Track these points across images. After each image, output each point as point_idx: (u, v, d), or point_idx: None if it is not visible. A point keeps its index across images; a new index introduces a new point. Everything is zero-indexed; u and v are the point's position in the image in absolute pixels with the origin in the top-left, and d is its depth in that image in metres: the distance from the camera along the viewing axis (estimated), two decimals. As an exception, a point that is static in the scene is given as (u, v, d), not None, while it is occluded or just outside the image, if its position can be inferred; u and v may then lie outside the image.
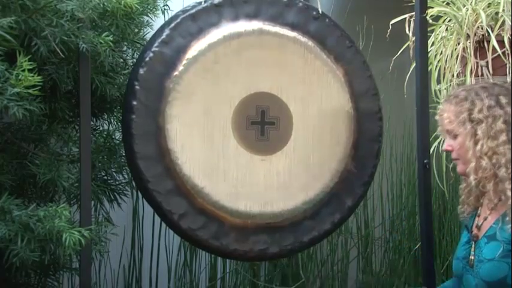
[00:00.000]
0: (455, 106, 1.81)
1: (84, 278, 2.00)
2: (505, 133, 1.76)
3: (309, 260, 3.06)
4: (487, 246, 1.80)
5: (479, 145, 1.77)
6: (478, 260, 1.80)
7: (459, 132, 1.81)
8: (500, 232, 1.78)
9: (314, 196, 2.21)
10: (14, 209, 1.78)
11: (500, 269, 1.76)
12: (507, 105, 1.78)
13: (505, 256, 1.76)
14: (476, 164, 1.78)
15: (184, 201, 2.11)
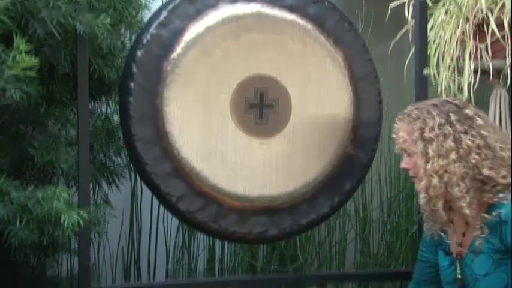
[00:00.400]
0: (407, 125, 1.83)
1: (83, 259, 2.02)
2: (454, 151, 1.77)
3: (306, 242, 3.07)
4: (476, 262, 1.80)
5: (429, 164, 1.78)
6: (472, 279, 1.80)
7: (413, 151, 1.82)
8: (484, 244, 1.78)
9: (313, 179, 2.21)
10: (12, 190, 1.78)
11: (498, 281, 1.77)
12: (457, 122, 1.79)
13: (498, 265, 1.76)
14: (426, 182, 1.79)
15: (182, 184, 2.11)
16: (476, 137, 1.78)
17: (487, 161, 1.77)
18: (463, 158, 1.76)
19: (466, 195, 1.76)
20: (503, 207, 1.74)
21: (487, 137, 1.79)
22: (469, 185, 1.76)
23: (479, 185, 1.78)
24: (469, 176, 1.76)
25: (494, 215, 1.75)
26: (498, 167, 1.77)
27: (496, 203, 1.76)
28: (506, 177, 1.77)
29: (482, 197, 1.78)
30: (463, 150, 1.76)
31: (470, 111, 1.82)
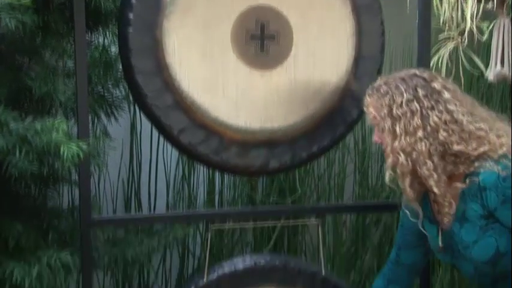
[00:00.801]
0: (376, 101, 1.80)
1: (84, 190, 2.03)
2: (421, 129, 1.75)
3: (306, 174, 3.09)
4: (463, 230, 1.80)
5: (396, 141, 1.77)
6: (462, 247, 1.81)
7: (382, 127, 1.80)
8: (468, 212, 1.78)
9: (314, 112, 2.20)
10: (10, 121, 1.77)
11: (488, 245, 1.77)
12: (424, 98, 1.77)
13: (485, 231, 1.77)
14: (393, 159, 1.78)
15: (183, 116, 2.10)
16: (443, 112, 1.76)
17: (455, 136, 1.76)
18: (431, 135, 1.76)
19: (434, 172, 1.76)
20: (480, 175, 1.74)
21: (454, 111, 1.77)
22: (437, 162, 1.76)
23: (453, 159, 1.78)
24: (437, 153, 1.76)
25: (470, 182, 1.75)
26: (467, 140, 1.76)
27: (472, 172, 1.77)
28: (477, 148, 1.76)
29: (458, 168, 1.78)
30: (430, 128, 1.76)
31: (437, 85, 1.80)
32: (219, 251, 2.95)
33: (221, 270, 2.24)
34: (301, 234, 3.05)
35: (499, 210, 1.73)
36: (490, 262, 1.77)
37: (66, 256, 2.02)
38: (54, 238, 2.20)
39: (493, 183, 1.72)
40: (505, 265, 1.77)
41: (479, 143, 1.77)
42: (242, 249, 3.02)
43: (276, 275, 2.26)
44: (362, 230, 3.07)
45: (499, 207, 1.73)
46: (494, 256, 1.76)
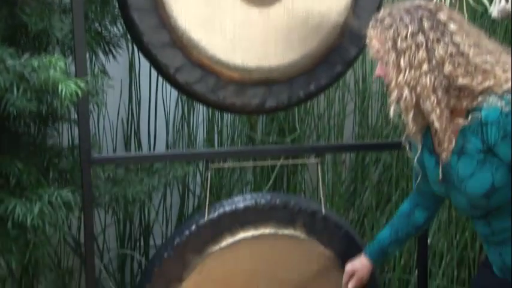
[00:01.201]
0: (380, 34, 1.76)
1: (83, 129, 2.03)
2: (426, 62, 1.72)
3: (305, 114, 3.09)
4: (460, 163, 1.80)
5: (401, 75, 1.74)
6: (458, 180, 1.82)
7: (386, 60, 1.77)
8: (467, 146, 1.78)
9: (312, 50, 2.18)
10: (7, 57, 1.76)
11: (484, 180, 1.78)
12: (429, 30, 1.73)
13: (483, 165, 1.77)
14: (397, 93, 1.76)
15: (180, 55, 2.08)
16: (449, 44, 1.73)
17: (461, 69, 1.74)
18: (436, 68, 1.73)
19: (437, 107, 1.75)
20: (482, 110, 1.73)
21: (460, 43, 1.74)
22: (441, 96, 1.74)
23: (456, 93, 1.76)
24: (442, 87, 1.74)
25: (472, 118, 1.75)
26: (473, 74, 1.74)
27: (475, 107, 1.75)
28: (482, 82, 1.74)
29: (461, 103, 1.77)
30: (435, 61, 1.73)
31: (443, 16, 1.76)
32: (218, 190, 2.98)
33: (222, 209, 2.27)
34: (301, 174, 3.07)
35: (498, 146, 1.74)
36: (484, 196, 1.79)
37: (67, 194, 2.04)
38: (54, 176, 2.22)
39: (495, 118, 1.72)
40: (498, 199, 1.79)
41: (485, 77, 1.75)
42: (242, 188, 3.04)
43: (276, 214, 2.29)
44: (361, 169, 3.09)
45: (499, 142, 1.73)
46: (489, 190, 1.78)
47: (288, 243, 2.29)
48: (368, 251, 2.16)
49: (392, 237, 2.12)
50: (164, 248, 2.24)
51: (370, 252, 2.16)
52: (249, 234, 2.26)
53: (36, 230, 2.05)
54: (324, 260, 2.31)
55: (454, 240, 2.95)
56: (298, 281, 2.29)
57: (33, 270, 2.62)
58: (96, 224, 2.85)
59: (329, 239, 2.32)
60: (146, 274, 2.25)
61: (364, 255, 2.16)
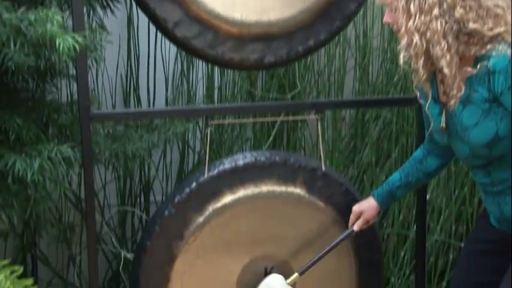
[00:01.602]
0: None
1: (82, 84, 2.02)
2: (437, 6, 1.70)
3: (306, 70, 3.07)
4: (465, 112, 1.79)
5: (411, 20, 1.72)
6: (461, 129, 1.81)
7: (395, 6, 1.74)
8: (473, 94, 1.76)
9: (311, 4, 2.15)
10: (3, 11, 1.73)
11: (488, 129, 1.77)
12: None
13: (487, 114, 1.76)
14: (407, 39, 1.74)
15: (178, 9, 2.06)
16: None
17: (472, 13, 1.71)
18: (447, 12, 1.71)
19: (447, 53, 1.73)
20: (491, 58, 1.72)
21: None
22: (451, 42, 1.72)
23: (466, 39, 1.74)
24: (452, 33, 1.72)
25: (480, 67, 1.73)
26: (484, 19, 1.72)
27: (483, 55, 1.74)
28: (493, 28, 1.72)
29: (469, 50, 1.75)
30: (446, 5, 1.71)
31: None
32: (218, 146, 2.98)
33: (222, 166, 2.27)
34: (300, 131, 3.06)
35: (504, 95, 1.73)
36: (487, 145, 1.79)
37: (67, 150, 2.03)
38: (54, 132, 2.21)
39: (503, 67, 1.71)
40: (500, 149, 1.79)
41: (496, 23, 1.73)
42: (242, 145, 3.04)
43: (276, 171, 2.30)
44: (361, 126, 3.08)
45: (505, 91, 1.72)
46: (492, 140, 1.78)
47: (289, 201, 2.30)
48: (376, 193, 2.18)
49: (402, 181, 2.13)
50: (165, 206, 2.25)
51: (378, 195, 2.17)
52: (249, 192, 2.27)
53: (36, 186, 2.05)
54: (324, 216, 2.32)
55: (453, 196, 2.97)
56: (298, 237, 2.31)
57: (35, 225, 2.63)
58: (97, 180, 2.86)
59: (329, 196, 2.33)
60: (147, 232, 2.27)
61: (372, 197, 2.18)
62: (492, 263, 1.97)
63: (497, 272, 1.90)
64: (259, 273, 2.28)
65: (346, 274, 2.37)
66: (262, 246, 2.28)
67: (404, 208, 2.93)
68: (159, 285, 2.20)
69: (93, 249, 2.13)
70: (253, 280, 2.28)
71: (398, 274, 2.92)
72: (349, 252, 2.35)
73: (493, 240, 1.96)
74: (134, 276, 2.25)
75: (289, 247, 2.30)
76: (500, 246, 1.93)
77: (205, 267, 2.23)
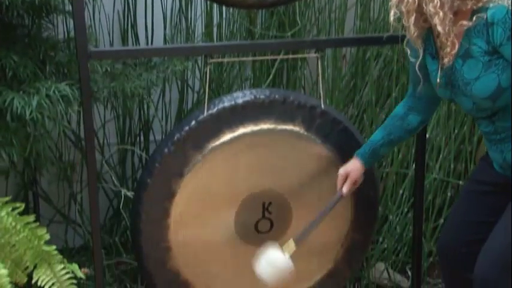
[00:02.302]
0: None
1: (79, 21, 1.99)
2: None
3: (306, 7, 3.01)
4: (465, 66, 1.77)
5: None
6: (463, 83, 1.79)
7: None
8: (472, 48, 1.74)
9: None
10: None
11: (489, 82, 1.75)
12: None
13: (488, 67, 1.74)
14: None
15: None
16: None
17: None
18: None
19: (440, 10, 1.70)
20: (488, 10, 1.69)
21: None
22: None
23: None
24: None
25: (476, 19, 1.70)
26: None
27: (480, 8, 1.71)
28: None
29: (466, 4, 1.72)
30: None
31: None
32: (218, 85, 2.96)
33: (221, 105, 2.26)
34: (300, 69, 3.03)
35: (504, 46, 1.71)
36: (490, 98, 1.78)
37: (65, 87, 2.02)
38: (51, 70, 2.20)
39: (501, 18, 1.68)
40: (503, 101, 1.79)
41: None
42: (241, 84, 3.02)
43: (276, 109, 2.29)
44: (362, 64, 3.05)
45: (505, 42, 1.71)
46: (495, 92, 1.77)
47: (288, 139, 2.31)
48: (360, 153, 2.18)
49: (384, 140, 2.13)
50: (164, 144, 2.26)
51: (362, 155, 2.17)
52: (249, 130, 2.27)
53: (35, 124, 2.05)
54: (323, 155, 2.33)
55: (453, 134, 2.97)
56: (296, 174, 2.33)
57: (35, 164, 2.65)
58: (96, 119, 2.85)
59: (328, 134, 2.33)
60: (147, 170, 2.28)
61: (356, 157, 2.18)
62: (491, 203, 1.99)
63: (495, 213, 1.92)
64: (258, 209, 2.31)
65: (341, 211, 2.39)
66: (260, 182, 2.30)
67: (403, 147, 2.94)
68: (159, 220, 2.23)
69: (93, 188, 2.15)
70: (251, 216, 2.31)
71: (397, 212, 2.95)
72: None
73: (495, 183, 1.97)
74: (134, 213, 2.28)
75: (287, 184, 2.32)
76: (500, 188, 1.94)
77: (204, 203, 2.26)
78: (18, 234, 1.84)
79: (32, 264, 1.89)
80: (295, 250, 2.14)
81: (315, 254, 2.41)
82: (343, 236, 2.44)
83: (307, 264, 2.40)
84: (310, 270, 2.45)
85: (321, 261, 2.45)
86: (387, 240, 2.94)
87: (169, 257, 2.27)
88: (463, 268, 2.01)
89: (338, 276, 2.50)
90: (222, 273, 2.34)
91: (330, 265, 2.46)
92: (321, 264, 2.46)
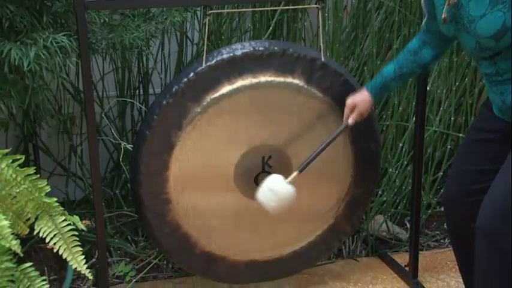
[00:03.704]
0: None
1: (74, -30, 1.95)
2: None
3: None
4: (471, 3, 1.75)
5: None
6: (468, 20, 1.76)
7: None
8: None
9: None
10: None
11: (495, 20, 1.72)
12: None
13: (495, 5, 1.72)
14: None
15: None
16: None
17: None
18: None
19: None
20: None
21: None
22: None
23: None
24: None
25: None
26: None
27: None
28: None
29: None
30: None
31: None
32: (217, 37, 2.93)
33: (220, 57, 2.24)
34: (301, 21, 3.00)
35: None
36: (494, 37, 1.76)
37: (63, 38, 2.00)
38: (48, 21, 2.16)
39: None
40: (507, 40, 1.77)
41: None
42: (241, 36, 2.99)
43: (275, 61, 2.27)
44: (363, 16, 3.01)
45: None
46: (499, 31, 1.75)
47: (287, 91, 2.29)
48: (370, 85, 2.18)
49: (396, 73, 2.12)
50: (163, 96, 2.25)
51: (372, 87, 2.17)
52: (247, 82, 2.26)
53: (33, 75, 2.04)
54: (322, 106, 2.32)
55: (453, 87, 2.96)
56: (296, 127, 2.32)
57: (35, 116, 2.64)
58: (95, 72, 2.83)
59: (328, 86, 2.31)
60: (146, 122, 2.28)
61: (366, 89, 2.18)
62: (493, 151, 1.99)
63: (497, 161, 1.92)
64: (257, 163, 2.32)
65: (343, 163, 2.40)
66: (260, 135, 2.30)
67: (404, 100, 2.92)
68: (158, 172, 2.24)
69: (93, 140, 2.15)
70: (251, 169, 2.32)
71: (396, 165, 2.96)
72: (345, 142, 2.37)
73: (495, 130, 1.97)
74: (134, 165, 2.29)
75: (286, 137, 2.32)
76: (501, 135, 1.94)
77: (203, 156, 2.27)
78: (18, 186, 1.85)
79: (33, 216, 1.90)
80: (297, 200, 2.14)
81: (315, 210, 2.43)
82: (344, 191, 2.44)
83: (308, 220, 2.42)
84: (311, 226, 2.46)
85: (321, 217, 2.46)
86: (386, 193, 2.95)
87: (169, 209, 2.29)
88: (468, 218, 2.02)
89: (339, 231, 2.51)
90: (222, 227, 2.36)
91: (331, 221, 2.48)
92: (322, 220, 2.47)
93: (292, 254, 2.47)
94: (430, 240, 3.00)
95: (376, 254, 2.89)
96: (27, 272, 1.82)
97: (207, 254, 2.39)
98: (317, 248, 2.50)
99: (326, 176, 2.39)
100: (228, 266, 2.42)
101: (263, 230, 2.40)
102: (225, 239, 2.38)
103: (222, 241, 2.38)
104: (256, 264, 2.45)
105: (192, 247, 2.36)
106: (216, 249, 2.39)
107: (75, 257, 1.84)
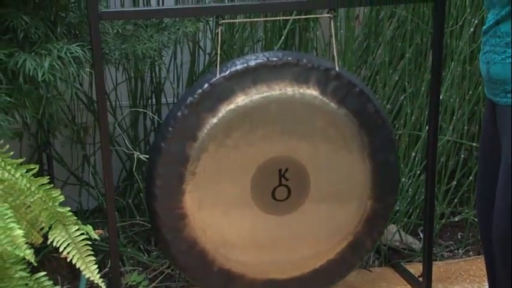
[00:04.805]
0: None
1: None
2: None
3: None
4: None
5: None
6: None
7: None
8: None
9: None
10: None
11: None
12: None
13: None
14: None
15: None
16: None
17: None
18: None
19: None
20: None
21: None
22: None
23: None
24: None
25: None
26: None
27: None
28: None
29: None
30: None
31: None
32: (229, 47, 2.93)
33: (233, 67, 2.24)
34: (313, 30, 3.00)
35: None
36: None
37: (76, 49, 2.01)
38: (62, 31, 2.18)
39: None
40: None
41: None
42: (253, 46, 3.00)
43: (289, 72, 2.26)
44: (375, 25, 3.01)
45: None
46: None
47: (302, 101, 2.28)
48: None
49: None
50: (177, 107, 2.25)
51: None
52: (262, 92, 2.25)
53: (47, 85, 2.05)
54: (339, 119, 2.30)
55: (467, 96, 2.94)
56: (313, 140, 2.30)
57: (48, 126, 2.65)
58: (108, 82, 2.85)
59: (343, 97, 2.30)
60: (160, 133, 2.27)
61: None
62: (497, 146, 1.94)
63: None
64: (274, 176, 2.29)
65: (361, 178, 2.36)
66: (275, 147, 2.28)
67: (416, 109, 2.91)
68: (175, 186, 2.23)
69: (106, 150, 2.15)
70: (268, 182, 2.29)
71: (409, 174, 2.95)
72: (363, 156, 2.34)
73: (491, 120, 1.93)
74: (149, 178, 2.28)
75: (302, 148, 2.30)
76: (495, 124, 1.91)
77: (220, 167, 2.25)
78: (33, 195, 1.85)
79: (47, 226, 1.90)
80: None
81: (334, 226, 2.38)
82: (363, 207, 2.39)
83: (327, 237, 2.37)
84: (330, 243, 2.41)
85: (341, 234, 2.41)
86: (399, 203, 2.94)
87: (185, 224, 2.26)
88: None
89: (359, 247, 2.46)
90: (240, 243, 2.32)
91: (350, 237, 2.42)
92: (342, 237, 2.42)
93: (312, 272, 2.42)
94: (443, 251, 2.98)
95: (389, 264, 2.88)
96: (40, 282, 1.82)
97: (225, 271, 2.35)
98: (337, 266, 2.44)
99: (344, 192, 2.35)
100: (246, 284, 2.37)
101: (282, 247, 2.36)
102: (243, 256, 2.34)
103: (240, 258, 2.34)
104: (274, 282, 2.40)
105: (209, 264, 2.33)
106: (234, 267, 2.35)
107: (89, 267, 1.83)
